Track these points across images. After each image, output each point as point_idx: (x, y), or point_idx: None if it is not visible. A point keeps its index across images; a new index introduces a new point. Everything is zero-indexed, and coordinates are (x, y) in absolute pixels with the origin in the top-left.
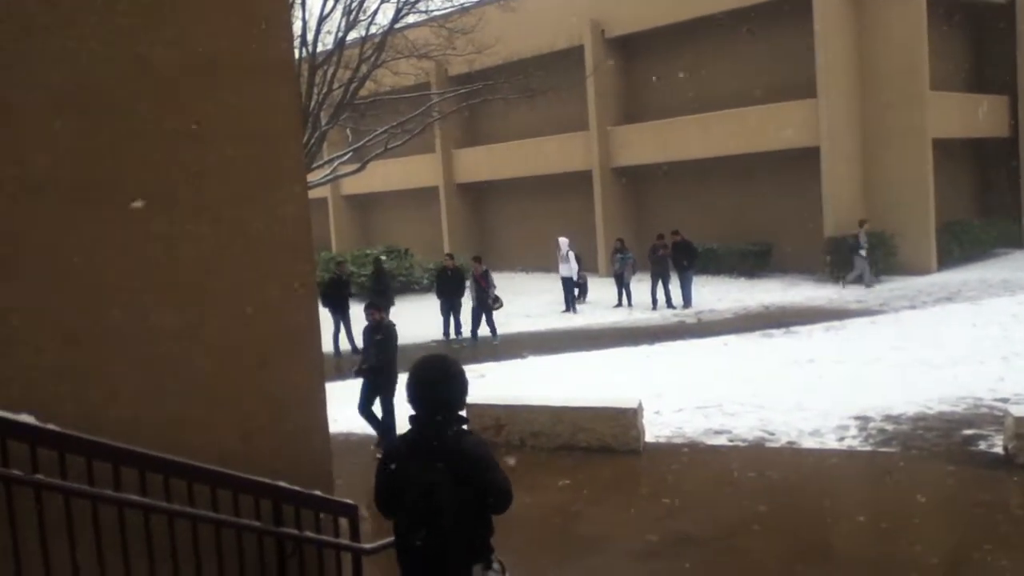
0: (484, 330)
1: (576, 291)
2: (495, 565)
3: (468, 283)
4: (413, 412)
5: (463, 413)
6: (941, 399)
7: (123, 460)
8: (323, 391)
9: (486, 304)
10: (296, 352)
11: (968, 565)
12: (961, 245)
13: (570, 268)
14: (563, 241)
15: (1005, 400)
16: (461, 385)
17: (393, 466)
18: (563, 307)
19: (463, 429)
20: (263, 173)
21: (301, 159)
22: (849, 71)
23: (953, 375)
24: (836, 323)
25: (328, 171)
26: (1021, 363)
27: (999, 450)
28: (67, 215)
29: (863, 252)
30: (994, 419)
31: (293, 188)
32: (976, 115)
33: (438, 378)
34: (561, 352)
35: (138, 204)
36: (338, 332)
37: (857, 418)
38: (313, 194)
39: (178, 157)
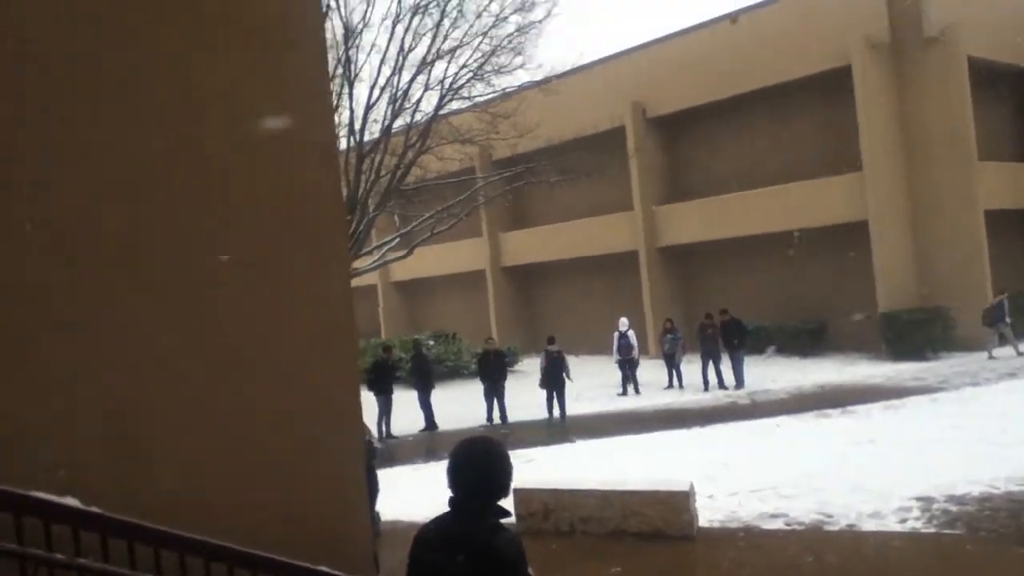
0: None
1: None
2: None
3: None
4: (451, 495)
5: (506, 504)
6: (1008, 479)
7: (164, 543)
8: (363, 475)
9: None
10: (338, 435)
11: None
12: (1022, 318)
13: (632, 348)
14: (623, 321)
15: None
16: (502, 472)
17: (417, 552)
18: (619, 389)
19: (498, 523)
20: (307, 256)
21: (345, 243)
22: (894, 143)
23: (1020, 454)
24: (895, 402)
25: (376, 257)
26: None
27: None
28: (113, 293)
29: (1009, 319)
30: None
31: (337, 271)
32: None
33: (478, 461)
34: (611, 435)
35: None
36: (383, 417)
37: (919, 499)
38: (362, 281)
39: (226, 236)
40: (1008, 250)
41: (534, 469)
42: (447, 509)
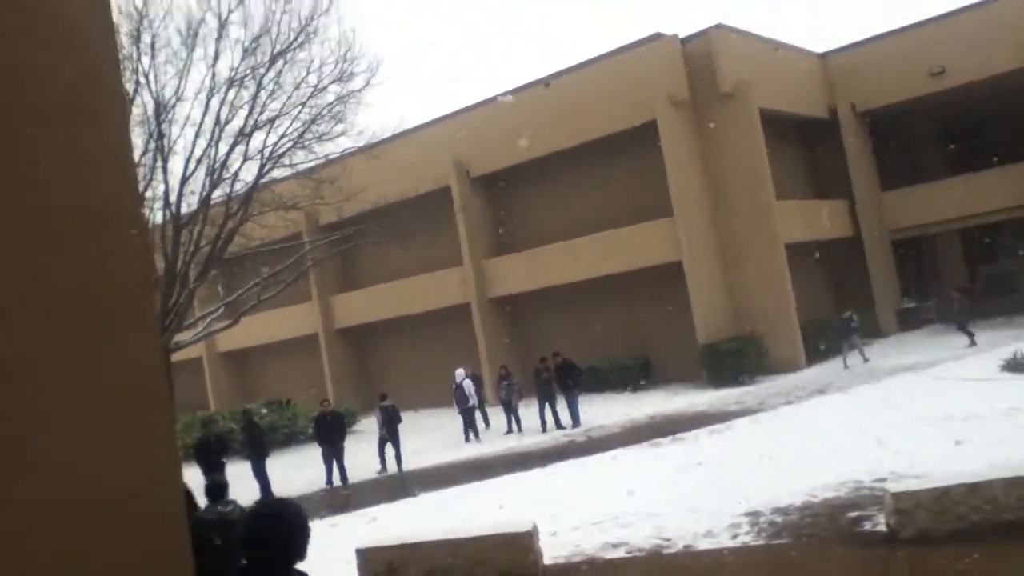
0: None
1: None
2: None
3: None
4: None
5: (302, 567)
6: (825, 486)
7: None
8: (187, 552)
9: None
10: (157, 514)
11: None
12: (826, 340)
13: (469, 397)
14: (459, 372)
15: (883, 480)
16: (299, 535)
17: None
18: (463, 437)
19: None
20: (113, 325)
21: (154, 310)
22: (701, 188)
23: (833, 462)
24: (719, 426)
25: (200, 328)
26: (894, 444)
27: (883, 527)
28: None
29: (855, 328)
30: (875, 499)
31: (146, 340)
32: (820, 219)
33: (275, 526)
34: (454, 485)
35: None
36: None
37: (748, 514)
38: (187, 354)
39: (21, 311)
40: (812, 279)
41: (377, 528)
42: None
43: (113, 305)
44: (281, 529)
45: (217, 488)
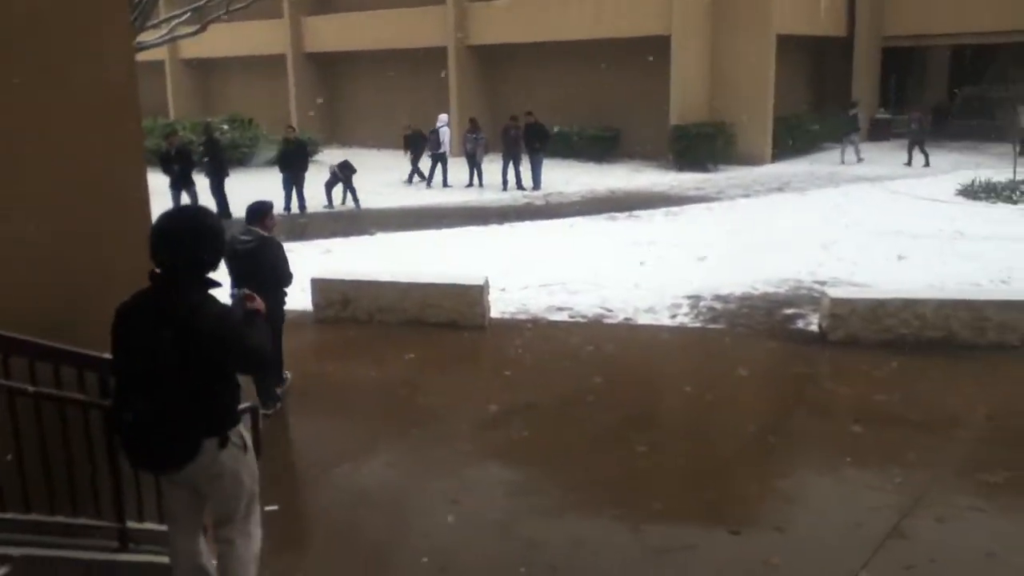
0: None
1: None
2: (234, 439)
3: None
4: (155, 269)
5: (214, 276)
6: (766, 281)
7: None
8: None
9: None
10: (124, 222)
11: (781, 431)
12: (795, 138)
13: (442, 144)
14: (442, 117)
15: (823, 283)
16: (212, 244)
17: (120, 330)
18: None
19: (206, 296)
20: (80, 22)
21: (125, 8)
22: None
23: (778, 260)
24: (675, 209)
25: (164, 31)
26: (839, 250)
27: (815, 328)
28: None
29: (858, 128)
30: (812, 300)
31: (116, 41)
32: (818, 14)
33: (185, 233)
34: (410, 229)
35: None
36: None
37: (689, 297)
38: (148, 56)
39: None
40: (794, 74)
41: (332, 260)
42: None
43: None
44: (196, 234)
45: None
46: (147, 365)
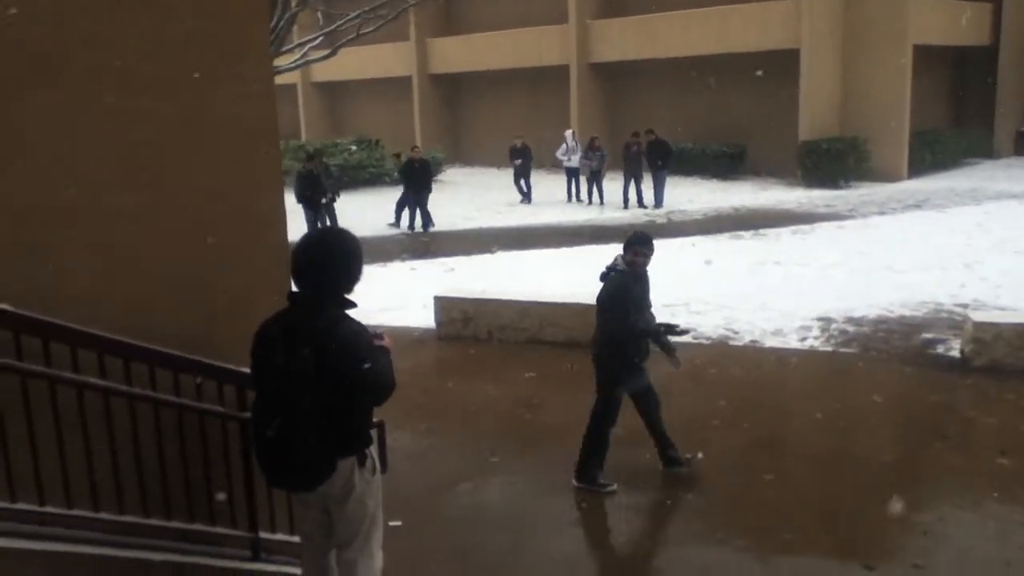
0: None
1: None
2: (368, 462)
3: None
4: (294, 289)
5: (352, 298)
6: (903, 304)
7: (81, 343)
8: (288, 280)
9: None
10: (259, 238)
11: (918, 462)
12: (933, 153)
13: (576, 159)
14: (568, 133)
15: (965, 306)
16: (351, 265)
17: (261, 351)
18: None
19: (342, 314)
20: (225, 49)
21: (266, 36)
22: None
23: (916, 281)
24: (804, 227)
25: (298, 56)
26: (983, 271)
27: (956, 353)
28: (15, 91)
29: None
30: (953, 324)
31: (257, 67)
32: (959, 22)
33: (329, 257)
34: (531, 248)
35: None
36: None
37: (819, 319)
38: (282, 79)
39: (134, 27)
40: (933, 86)
41: (455, 278)
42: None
43: (226, 29)
44: (334, 256)
45: None
46: (286, 384)
